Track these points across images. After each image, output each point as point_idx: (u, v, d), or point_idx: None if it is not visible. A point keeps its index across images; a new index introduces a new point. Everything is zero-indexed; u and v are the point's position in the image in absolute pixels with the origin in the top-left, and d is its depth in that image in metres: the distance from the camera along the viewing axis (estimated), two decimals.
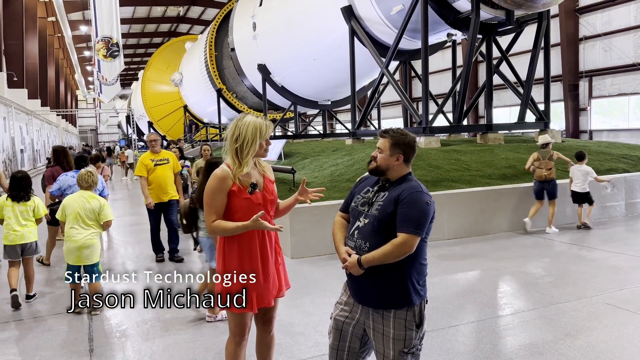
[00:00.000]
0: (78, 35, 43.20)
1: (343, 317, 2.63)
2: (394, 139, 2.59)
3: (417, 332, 2.51)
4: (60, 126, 44.94)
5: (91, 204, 5.03)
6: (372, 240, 2.50)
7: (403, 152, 2.58)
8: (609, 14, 22.02)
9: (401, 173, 2.60)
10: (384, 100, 30.23)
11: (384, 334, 2.50)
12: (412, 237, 2.42)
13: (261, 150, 2.86)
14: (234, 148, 2.81)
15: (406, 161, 2.60)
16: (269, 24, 17.78)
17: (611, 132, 22.43)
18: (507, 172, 9.13)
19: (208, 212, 2.80)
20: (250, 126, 2.80)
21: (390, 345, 2.49)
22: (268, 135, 2.85)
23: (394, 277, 2.47)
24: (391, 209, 2.48)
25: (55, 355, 4.09)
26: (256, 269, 2.80)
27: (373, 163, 2.61)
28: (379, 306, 2.51)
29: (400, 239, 2.42)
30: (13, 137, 22.82)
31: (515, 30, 11.98)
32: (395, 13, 11.99)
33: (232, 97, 23.87)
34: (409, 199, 2.46)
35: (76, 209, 4.97)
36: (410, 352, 2.50)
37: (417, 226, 2.43)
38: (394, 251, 2.42)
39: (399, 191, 2.51)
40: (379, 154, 2.60)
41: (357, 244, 2.55)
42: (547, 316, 4.58)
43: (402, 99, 12.65)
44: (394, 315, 2.49)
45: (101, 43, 25.79)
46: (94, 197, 5.13)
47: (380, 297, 2.50)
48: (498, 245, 7.41)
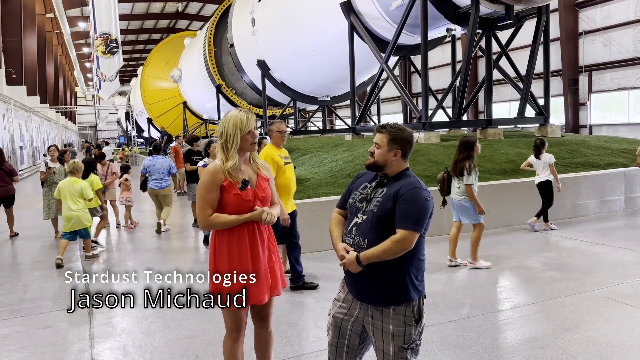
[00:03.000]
0: (77, 32, 43.14)
1: (342, 314, 2.62)
2: (392, 134, 2.58)
3: (417, 328, 2.51)
4: (60, 123, 44.90)
5: (75, 187, 7.00)
6: (370, 236, 2.49)
7: (401, 147, 2.57)
8: (608, 8, 21.98)
9: (399, 169, 2.59)
10: (384, 95, 30.20)
11: (383, 330, 2.50)
12: (411, 233, 2.41)
13: (247, 144, 2.87)
14: (220, 143, 2.88)
15: (404, 156, 2.59)
16: (268, 20, 17.74)
17: (611, 126, 22.44)
18: (507, 167, 9.13)
19: (203, 206, 2.82)
20: (231, 121, 2.86)
21: (390, 342, 2.49)
22: (249, 128, 2.86)
23: (393, 273, 2.47)
24: (390, 205, 2.47)
25: (56, 351, 4.11)
26: (246, 267, 2.82)
27: (370, 158, 2.60)
28: (378, 303, 2.50)
29: (399, 236, 2.41)
30: (12, 134, 22.80)
31: (514, 25, 11.96)
32: (395, 8, 11.95)
33: (232, 93, 23.82)
34: (408, 195, 2.45)
35: (65, 191, 6.96)
36: (410, 347, 2.50)
37: (416, 222, 2.42)
38: (393, 248, 2.41)
39: (398, 187, 2.50)
40: (377, 149, 2.59)
41: (355, 240, 2.54)
42: (546, 310, 4.59)
43: (402, 94, 12.63)
44: (393, 312, 2.48)
45: (100, 39, 25.75)
46: (78, 181, 7.08)
47: (379, 294, 2.49)
48: (498, 240, 7.42)
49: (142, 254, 7.52)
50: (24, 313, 5.03)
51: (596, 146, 10.86)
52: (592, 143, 11.24)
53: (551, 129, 12.25)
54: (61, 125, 46.34)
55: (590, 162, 9.74)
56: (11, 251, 8.09)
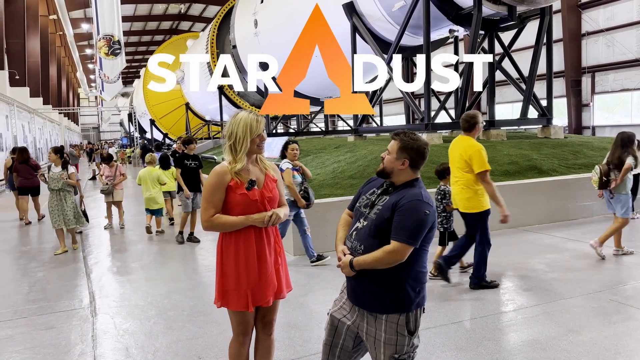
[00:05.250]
0: (79, 33, 43.23)
1: (340, 315, 2.61)
2: (403, 142, 2.51)
3: (410, 339, 2.46)
4: (63, 124, 45.01)
5: (152, 175, 8.93)
6: (366, 243, 2.47)
7: (410, 157, 2.50)
8: (611, 9, 21.93)
9: (407, 178, 2.53)
10: (386, 97, 30.16)
11: (375, 337, 2.47)
12: (403, 246, 2.36)
13: (254, 147, 2.86)
14: (229, 144, 2.86)
15: (413, 167, 2.51)
16: (270, 21, 17.76)
17: (614, 127, 22.36)
18: (510, 169, 9.11)
19: (207, 207, 2.81)
20: (241, 123, 2.83)
21: (381, 350, 2.45)
22: (259, 131, 2.85)
23: (388, 281, 2.44)
24: (387, 215, 2.42)
25: (59, 352, 4.11)
26: (252, 267, 2.81)
27: (380, 165, 2.57)
28: (372, 309, 2.48)
29: (391, 247, 2.37)
30: (15, 136, 22.86)
31: (517, 26, 11.94)
32: (397, 9, 11.95)
33: (234, 95, 23.86)
34: (407, 207, 2.39)
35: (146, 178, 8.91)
36: (401, 358, 2.45)
37: (411, 236, 2.36)
38: (384, 258, 2.38)
39: (399, 197, 2.44)
40: (387, 155, 2.55)
41: (353, 245, 2.53)
42: (550, 312, 4.57)
43: (404, 96, 12.62)
44: (387, 319, 2.45)
45: (103, 41, 25.78)
46: (155, 170, 9.04)
47: (374, 300, 2.47)
48: (501, 241, 7.40)
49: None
50: (26, 314, 5.04)
51: (599, 147, 10.83)
52: (595, 144, 11.20)
53: (554, 130, 12.22)
54: (64, 126, 46.45)
55: (593, 163, 9.67)
56: (17, 252, 8.11)
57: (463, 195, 5.33)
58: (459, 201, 5.40)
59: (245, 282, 2.80)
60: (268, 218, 2.79)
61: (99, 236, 9.11)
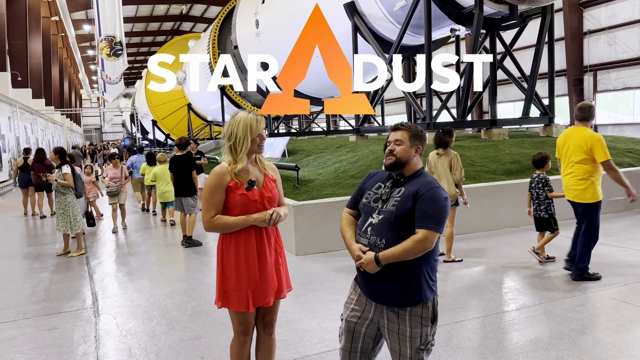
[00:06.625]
0: (81, 35, 43.30)
1: (355, 318, 2.57)
2: (412, 130, 2.57)
3: (432, 328, 2.48)
4: (65, 125, 45.06)
5: (165, 173, 9.49)
6: (387, 236, 2.44)
7: (421, 144, 2.59)
8: (613, 7, 21.87)
9: (416, 167, 2.57)
10: (388, 96, 30.15)
11: (399, 332, 2.45)
12: (432, 233, 2.37)
13: (254, 146, 2.86)
14: (228, 145, 2.86)
15: (421, 155, 2.62)
16: (272, 21, 17.76)
17: (616, 126, 22.33)
18: (512, 168, 9.10)
19: (207, 208, 2.82)
20: (241, 123, 2.83)
21: (407, 344, 2.44)
22: (259, 131, 2.85)
23: (409, 273, 2.43)
24: (410, 205, 2.43)
25: (62, 353, 4.12)
26: (252, 267, 2.81)
27: (391, 157, 2.54)
28: (394, 304, 2.45)
29: (421, 235, 2.37)
30: (18, 137, 22.92)
31: (518, 25, 11.93)
32: (398, 9, 11.95)
33: (236, 95, 23.88)
34: (428, 195, 2.42)
35: (160, 175, 9.81)
36: (426, 348, 2.47)
37: (437, 222, 2.39)
38: (415, 247, 2.36)
39: (417, 186, 2.46)
40: (399, 146, 2.54)
41: (370, 240, 2.48)
42: (552, 311, 4.57)
43: (406, 95, 12.62)
44: (410, 313, 2.44)
45: (104, 42, 25.84)
46: (166, 167, 9.43)
47: (396, 295, 2.44)
48: (503, 240, 7.40)
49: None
50: (30, 315, 5.05)
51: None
52: None
53: (556, 128, 12.21)
54: (66, 127, 46.50)
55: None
56: (22, 251, 8.14)
57: (580, 186, 5.34)
58: (573, 192, 5.42)
59: (246, 282, 2.80)
60: (269, 217, 2.78)
61: (101, 237, 9.13)
